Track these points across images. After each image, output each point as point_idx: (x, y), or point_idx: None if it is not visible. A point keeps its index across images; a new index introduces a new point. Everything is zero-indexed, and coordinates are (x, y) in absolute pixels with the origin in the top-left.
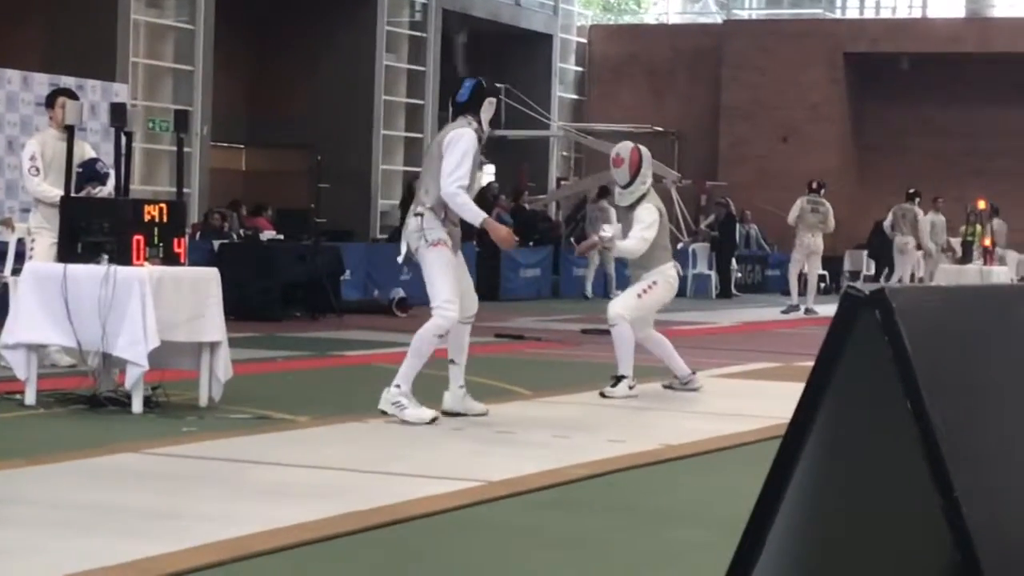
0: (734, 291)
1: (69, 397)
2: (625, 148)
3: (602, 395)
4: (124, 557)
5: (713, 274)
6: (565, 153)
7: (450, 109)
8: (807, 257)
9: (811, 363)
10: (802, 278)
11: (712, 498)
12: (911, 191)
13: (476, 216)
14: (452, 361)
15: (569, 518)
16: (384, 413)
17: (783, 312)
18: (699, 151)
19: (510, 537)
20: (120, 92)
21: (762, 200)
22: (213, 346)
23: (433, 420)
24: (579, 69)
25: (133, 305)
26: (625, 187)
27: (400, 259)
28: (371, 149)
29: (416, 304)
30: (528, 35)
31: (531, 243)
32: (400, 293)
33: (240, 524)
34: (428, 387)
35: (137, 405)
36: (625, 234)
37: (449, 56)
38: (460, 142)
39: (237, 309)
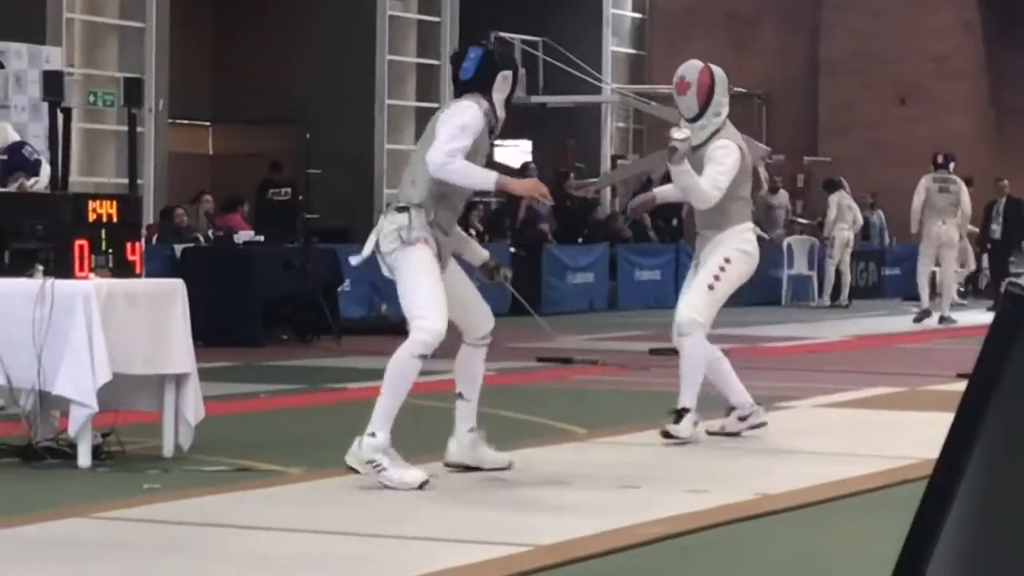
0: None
1: None
2: (692, 69)
3: (664, 435)
4: None
5: (814, 275)
6: (621, 124)
7: (452, 87)
8: (939, 251)
9: (945, 387)
10: (933, 278)
11: (823, 561)
12: None
13: (484, 179)
14: (460, 395)
15: None
16: (352, 471)
17: (915, 321)
18: (794, 118)
19: None
20: (52, 57)
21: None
22: (179, 380)
23: (423, 485)
24: (638, 16)
25: (76, 329)
26: (693, 120)
27: (355, 260)
28: (373, 124)
29: None
30: None
31: (580, 239)
32: None
33: None
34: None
35: (84, 457)
36: None
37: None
38: (459, 115)
39: (208, 332)
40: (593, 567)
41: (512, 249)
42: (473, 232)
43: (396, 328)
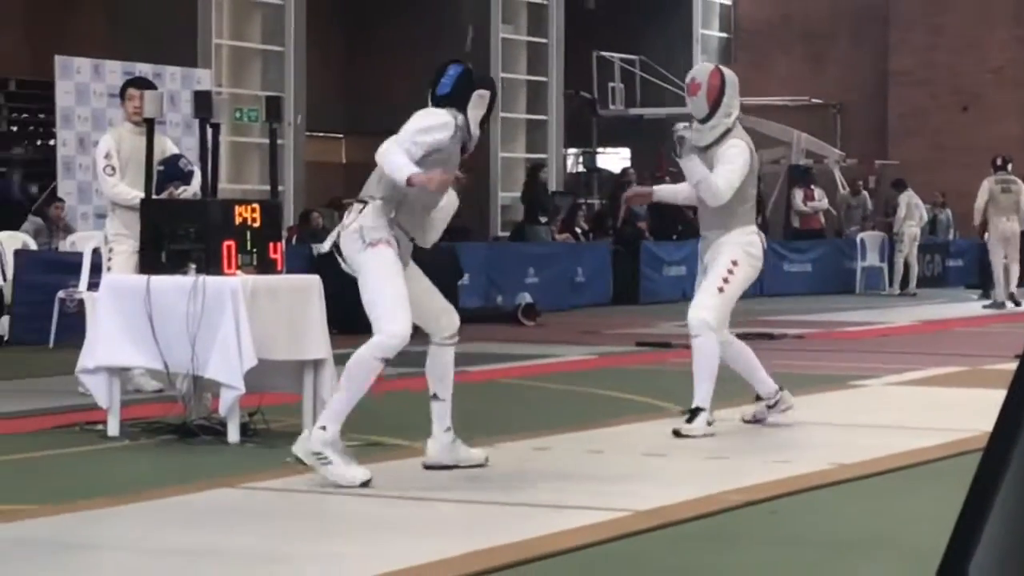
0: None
1: (157, 427)
2: (702, 71)
3: (676, 434)
4: None
5: (885, 267)
6: None
7: (428, 103)
8: (1005, 244)
9: (1004, 367)
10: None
11: (894, 525)
12: None
13: (400, 173)
14: (434, 395)
15: (727, 553)
16: (299, 462)
17: (985, 307)
18: (865, 125)
19: None
20: (203, 79)
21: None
22: (317, 364)
23: (366, 483)
24: (724, 35)
25: (226, 320)
26: (703, 121)
27: (322, 247)
28: (488, 134)
29: (546, 310)
30: None
31: (674, 236)
32: (527, 298)
33: (353, 565)
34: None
35: (233, 434)
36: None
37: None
38: (427, 118)
39: (342, 321)
40: (687, 530)
41: (614, 247)
42: (579, 230)
43: (509, 317)
